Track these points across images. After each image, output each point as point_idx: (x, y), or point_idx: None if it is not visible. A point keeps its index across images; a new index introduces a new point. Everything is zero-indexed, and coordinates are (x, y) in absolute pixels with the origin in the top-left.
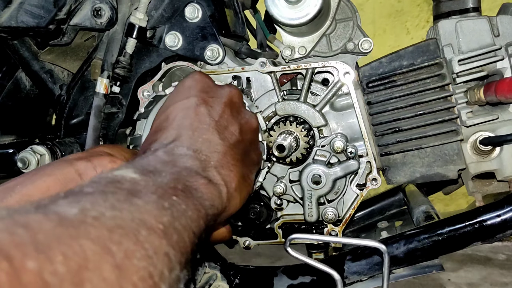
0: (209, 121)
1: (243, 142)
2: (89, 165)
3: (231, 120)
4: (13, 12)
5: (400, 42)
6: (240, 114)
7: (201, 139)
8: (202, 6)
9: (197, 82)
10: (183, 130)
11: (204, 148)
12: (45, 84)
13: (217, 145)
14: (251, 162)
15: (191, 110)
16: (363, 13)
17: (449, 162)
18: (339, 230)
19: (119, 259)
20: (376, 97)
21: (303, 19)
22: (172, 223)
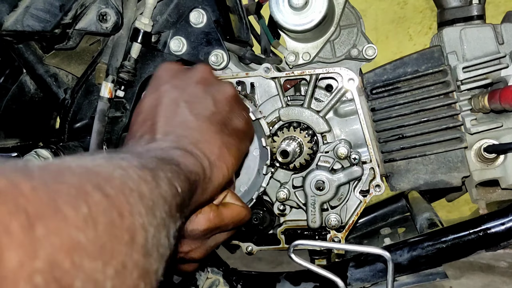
0: (181, 103)
1: (220, 113)
2: None
3: (203, 95)
4: (19, 16)
5: (403, 48)
6: (212, 86)
7: (175, 122)
8: (207, 11)
9: (167, 70)
10: (158, 118)
11: (179, 130)
12: (49, 87)
13: (191, 123)
14: (234, 130)
15: (164, 98)
16: (366, 19)
17: (453, 169)
18: (342, 237)
19: (109, 192)
20: (380, 104)
21: (308, 25)
22: (155, 177)
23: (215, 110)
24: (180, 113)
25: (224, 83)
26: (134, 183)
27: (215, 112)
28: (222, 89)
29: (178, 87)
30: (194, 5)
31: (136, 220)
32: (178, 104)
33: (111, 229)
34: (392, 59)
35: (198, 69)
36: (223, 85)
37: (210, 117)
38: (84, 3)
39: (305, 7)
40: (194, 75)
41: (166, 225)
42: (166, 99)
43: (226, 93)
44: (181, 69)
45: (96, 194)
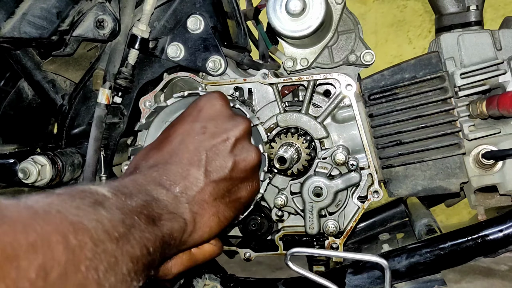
0: (203, 153)
1: (231, 180)
2: None
3: (226, 156)
4: (16, 23)
5: (403, 51)
6: (239, 150)
7: (185, 172)
8: (204, 17)
9: (210, 106)
10: (173, 157)
11: (184, 183)
12: (47, 93)
13: (198, 181)
14: (236, 200)
15: (190, 138)
16: (365, 23)
17: (451, 176)
18: (340, 243)
19: (72, 245)
20: (378, 110)
21: (305, 31)
22: (127, 235)
23: (228, 176)
24: (193, 165)
25: (253, 149)
26: (102, 237)
27: (226, 178)
28: (247, 157)
29: (208, 134)
30: (191, 11)
31: (91, 275)
32: (197, 153)
33: (61, 282)
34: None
35: (238, 124)
36: (251, 151)
37: (219, 182)
38: (81, 10)
39: (302, 13)
40: (232, 128)
41: (128, 281)
42: (190, 141)
43: (249, 161)
44: (224, 113)
45: (58, 246)
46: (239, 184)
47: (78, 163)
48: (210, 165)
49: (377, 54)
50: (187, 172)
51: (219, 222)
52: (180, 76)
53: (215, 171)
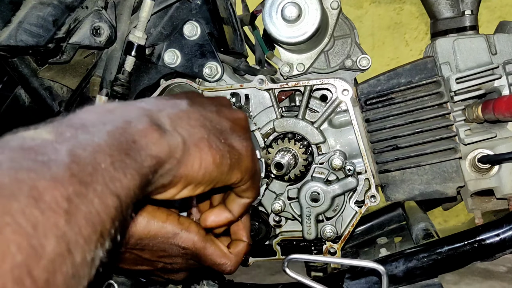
0: (182, 96)
1: (219, 122)
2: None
3: (210, 103)
4: (12, 31)
5: (399, 54)
6: (227, 108)
7: (164, 101)
8: (200, 24)
9: (191, 93)
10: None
11: (164, 107)
12: (44, 100)
13: (181, 104)
14: (228, 145)
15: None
16: (362, 25)
17: (448, 180)
18: (338, 247)
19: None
20: (374, 115)
21: (301, 37)
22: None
23: (214, 111)
24: (177, 99)
25: (241, 112)
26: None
27: (213, 112)
28: (235, 112)
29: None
30: (188, 18)
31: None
32: (182, 94)
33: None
34: (389, 64)
35: (218, 98)
36: (236, 111)
37: (205, 113)
38: (77, 18)
39: (298, 19)
40: (214, 99)
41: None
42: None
43: (237, 113)
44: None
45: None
46: (229, 131)
47: None
48: (194, 100)
49: (374, 57)
50: (166, 100)
51: (215, 154)
52: (176, 82)
53: (199, 104)
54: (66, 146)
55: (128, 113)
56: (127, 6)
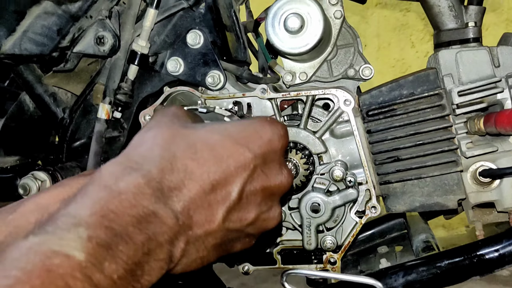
0: (234, 193)
1: (242, 232)
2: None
3: (254, 206)
4: (16, 40)
5: (405, 55)
6: (267, 206)
7: (207, 203)
8: (203, 32)
9: (270, 141)
10: (202, 175)
11: (198, 217)
12: (48, 107)
13: (213, 221)
14: (226, 250)
15: (230, 163)
16: (368, 26)
17: (449, 192)
18: (338, 257)
19: None
20: (376, 126)
21: (303, 48)
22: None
23: (242, 229)
24: (221, 198)
25: (279, 210)
26: None
27: (239, 230)
28: (271, 218)
29: (257, 174)
30: (191, 26)
31: None
32: (234, 184)
33: None
34: (395, 66)
35: (287, 177)
36: (276, 213)
37: (231, 231)
38: (81, 27)
39: (301, 30)
40: (279, 179)
41: None
42: (235, 166)
43: (268, 223)
44: (281, 155)
45: None
46: (242, 238)
47: None
48: (235, 208)
49: (380, 58)
50: (206, 203)
51: (197, 266)
52: (179, 90)
53: (235, 219)
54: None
55: (155, 232)
56: (131, 15)
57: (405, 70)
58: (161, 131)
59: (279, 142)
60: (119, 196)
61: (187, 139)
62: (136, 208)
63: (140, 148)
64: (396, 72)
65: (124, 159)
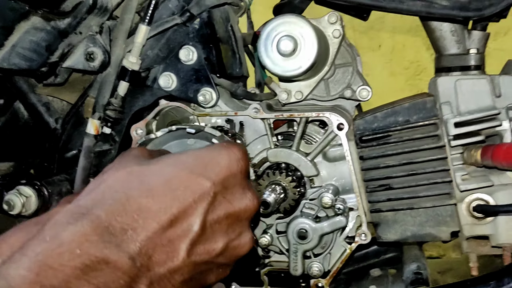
0: (195, 225)
1: (211, 264)
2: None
3: (221, 235)
4: (5, 54)
5: (420, 58)
6: (236, 233)
7: (166, 238)
8: (197, 48)
9: (228, 166)
10: (159, 211)
11: (159, 255)
12: (41, 116)
13: (176, 257)
14: (199, 285)
15: (188, 193)
16: (383, 27)
17: (442, 224)
18: (326, 283)
19: None
20: (369, 152)
21: (296, 71)
22: None
23: (211, 260)
24: (182, 233)
25: (249, 237)
26: None
27: (209, 262)
28: (242, 245)
29: (218, 202)
30: (184, 41)
31: None
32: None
33: None
34: (408, 68)
35: (252, 200)
36: (247, 239)
37: (199, 264)
38: (71, 42)
39: (294, 53)
40: (244, 204)
41: None
42: (191, 198)
43: (239, 251)
44: (242, 178)
45: None
46: (215, 269)
47: (66, 191)
48: (199, 241)
49: (394, 59)
50: (165, 240)
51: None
52: (171, 105)
53: (201, 251)
54: None
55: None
56: (122, 31)
57: (419, 73)
58: (115, 172)
59: (238, 165)
60: (59, 248)
61: (141, 176)
62: (80, 258)
63: (92, 192)
64: (410, 75)
65: (74, 205)
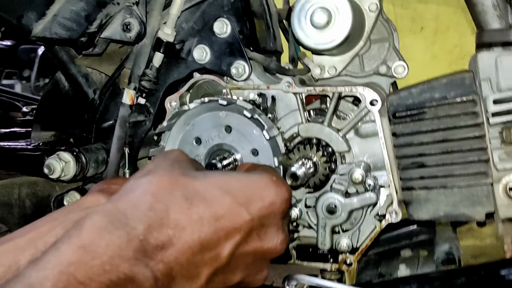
0: (222, 257)
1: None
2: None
3: (241, 269)
4: (47, 24)
5: (464, 41)
6: (257, 267)
7: (192, 264)
8: (231, 21)
9: (271, 203)
10: (192, 233)
11: (180, 279)
12: (80, 87)
13: (195, 284)
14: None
15: (224, 223)
16: (427, 8)
17: (477, 204)
18: (354, 260)
19: None
20: (402, 129)
21: (329, 44)
22: None
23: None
24: (201, 266)
25: (266, 269)
26: None
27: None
28: (261, 276)
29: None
30: (219, 14)
31: None
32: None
33: None
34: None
35: (283, 240)
36: (264, 272)
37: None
38: (109, 13)
39: (327, 25)
40: (271, 244)
41: None
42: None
43: (258, 281)
44: (277, 219)
45: None
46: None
47: (102, 159)
48: (222, 271)
49: (437, 42)
50: (192, 264)
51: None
52: (205, 78)
53: (219, 280)
54: None
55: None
56: (158, 2)
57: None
58: (158, 177)
59: (281, 206)
60: (92, 260)
61: (184, 189)
62: (109, 274)
63: (132, 194)
64: (453, 58)
65: (113, 207)
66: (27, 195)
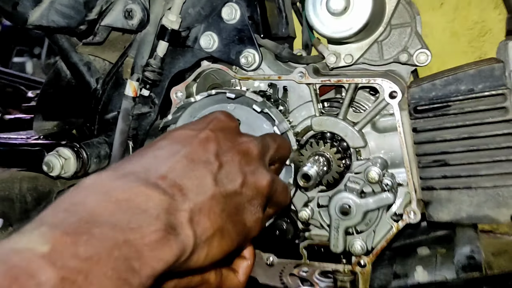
0: (211, 159)
1: (241, 196)
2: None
3: (237, 169)
4: (44, 11)
5: (486, 17)
6: (251, 167)
7: (191, 172)
8: (240, 6)
9: (219, 121)
10: (174, 156)
11: (189, 184)
12: (82, 76)
13: (206, 186)
14: (240, 223)
15: (196, 141)
16: None
17: (502, 205)
18: (369, 261)
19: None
20: (424, 124)
21: (346, 32)
22: None
23: (238, 190)
24: (201, 167)
25: (266, 172)
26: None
27: (237, 193)
28: (259, 177)
29: (217, 142)
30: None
31: None
32: (206, 157)
33: None
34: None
35: (249, 141)
36: (262, 174)
37: (229, 195)
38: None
39: (345, 12)
40: (242, 142)
41: None
42: (197, 143)
43: (259, 182)
44: (234, 129)
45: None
46: (246, 204)
47: (104, 154)
48: (220, 172)
49: (457, 19)
50: (194, 175)
51: (222, 241)
52: (212, 67)
53: (227, 182)
54: (59, 265)
55: (142, 210)
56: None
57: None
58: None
59: (226, 120)
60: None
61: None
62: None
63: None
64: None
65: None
66: (28, 189)
